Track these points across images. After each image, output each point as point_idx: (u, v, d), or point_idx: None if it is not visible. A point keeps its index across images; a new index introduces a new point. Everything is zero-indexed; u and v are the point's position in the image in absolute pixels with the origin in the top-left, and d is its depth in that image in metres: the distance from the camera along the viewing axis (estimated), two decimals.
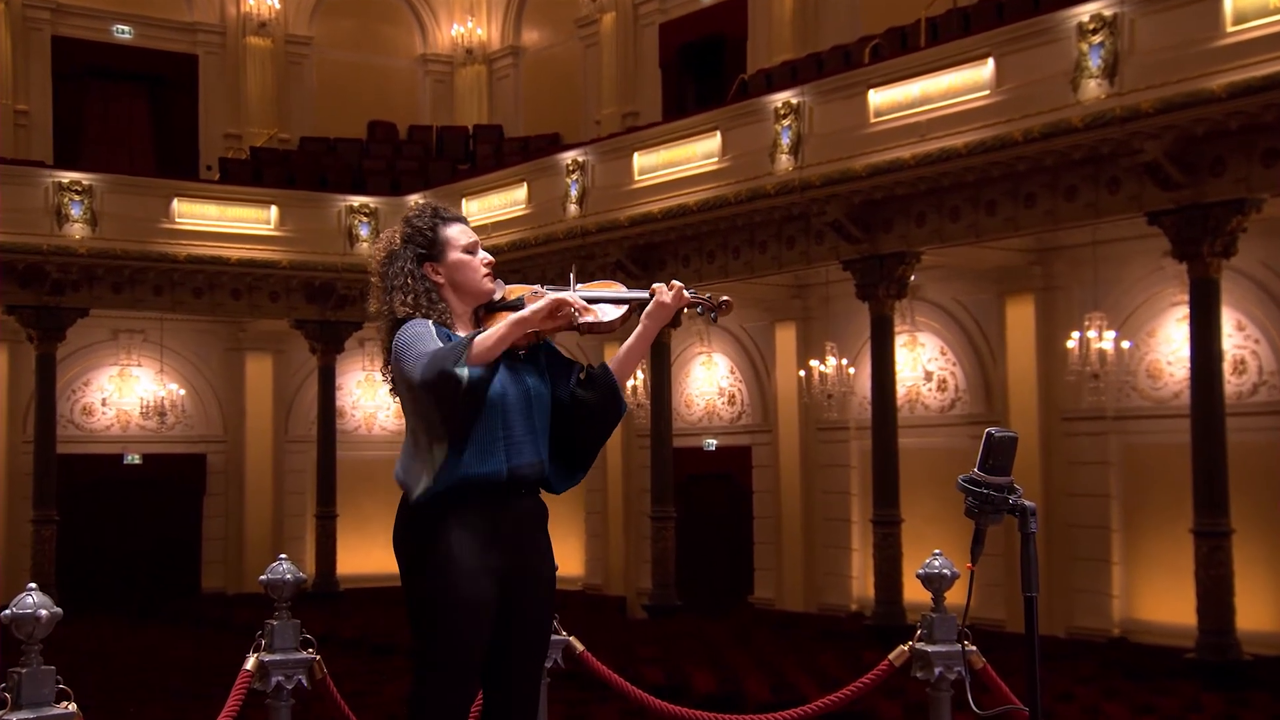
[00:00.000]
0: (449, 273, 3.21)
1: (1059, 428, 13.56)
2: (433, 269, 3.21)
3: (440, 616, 3.05)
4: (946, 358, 14.85)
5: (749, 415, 17.05)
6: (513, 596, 3.14)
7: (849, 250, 13.14)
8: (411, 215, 3.26)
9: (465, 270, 3.22)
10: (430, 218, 3.24)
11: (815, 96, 13.13)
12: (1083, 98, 10.71)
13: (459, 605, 3.04)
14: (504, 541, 3.11)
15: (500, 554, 3.11)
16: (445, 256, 3.21)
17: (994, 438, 2.91)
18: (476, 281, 3.23)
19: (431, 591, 3.06)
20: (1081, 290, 13.28)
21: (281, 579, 3.81)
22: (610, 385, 3.25)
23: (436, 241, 3.22)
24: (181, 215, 17.02)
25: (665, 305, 3.23)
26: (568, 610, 5.02)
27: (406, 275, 3.18)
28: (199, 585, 19.18)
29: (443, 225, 3.24)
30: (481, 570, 3.07)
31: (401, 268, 3.19)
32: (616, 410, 3.26)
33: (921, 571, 4.15)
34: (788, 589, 16.15)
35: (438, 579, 3.05)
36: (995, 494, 2.89)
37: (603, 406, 3.25)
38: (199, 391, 19.42)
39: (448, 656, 3.06)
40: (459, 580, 3.05)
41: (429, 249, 3.21)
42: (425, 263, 3.20)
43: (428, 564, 3.07)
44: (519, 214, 16.48)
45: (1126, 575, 13.10)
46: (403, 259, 3.20)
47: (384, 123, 21.17)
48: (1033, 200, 11.65)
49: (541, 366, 3.27)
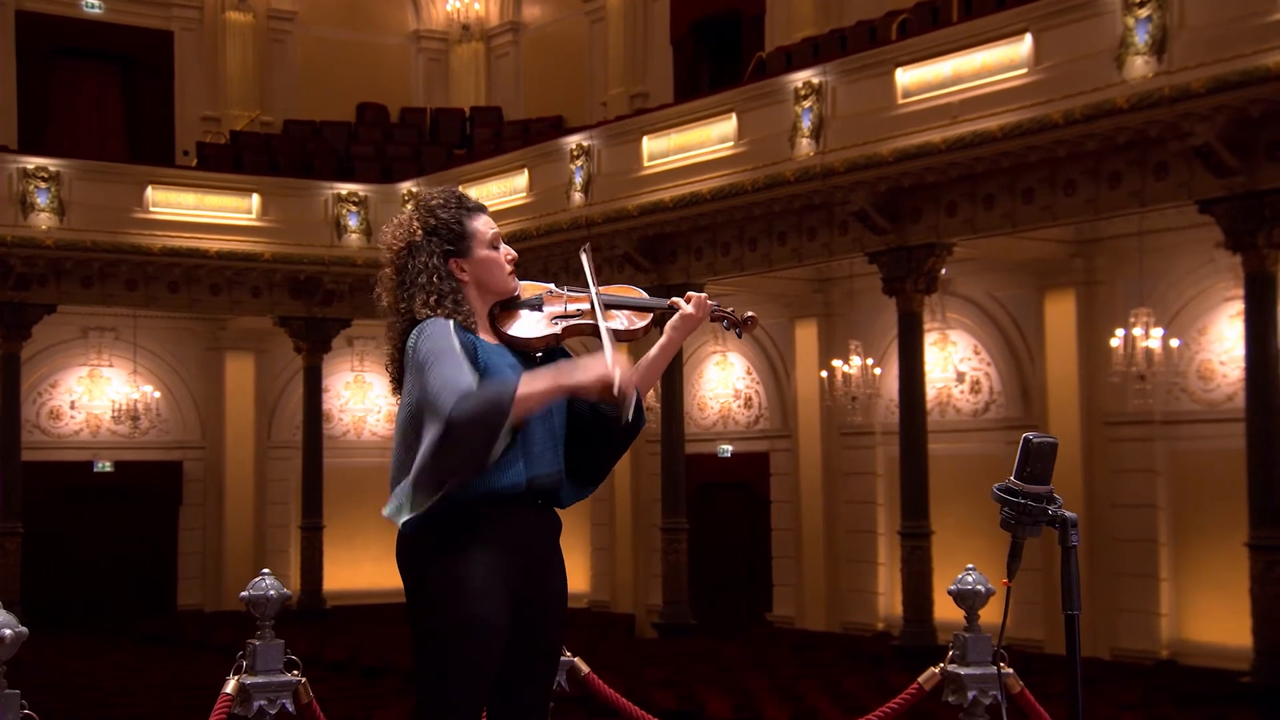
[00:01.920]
0: (475, 270, 3.17)
1: (1102, 433, 13.54)
2: (458, 266, 3.15)
3: (449, 641, 3.01)
4: (980, 357, 14.83)
5: (767, 419, 17.04)
6: (526, 618, 3.11)
7: (875, 242, 13.14)
8: (435, 203, 3.20)
9: (492, 268, 3.18)
10: (456, 209, 3.18)
11: (838, 76, 13.12)
12: (1128, 76, 10.69)
13: (471, 629, 3.01)
14: (518, 558, 3.09)
15: (514, 572, 3.08)
16: (472, 253, 3.17)
17: (1032, 444, 2.91)
18: (502, 280, 3.20)
19: (439, 613, 3.02)
20: (1126, 285, 13.26)
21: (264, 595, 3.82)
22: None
23: (464, 235, 3.16)
24: (156, 204, 17.05)
25: (690, 317, 3.24)
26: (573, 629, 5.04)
27: (432, 273, 3.12)
28: (175, 602, 19.22)
29: (468, 217, 3.19)
30: (495, 590, 3.04)
31: (426, 264, 3.13)
32: (636, 425, 3.26)
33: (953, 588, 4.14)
34: (809, 606, 16.15)
35: (447, 599, 3.02)
36: (1033, 504, 2.89)
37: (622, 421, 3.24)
38: (175, 394, 19.46)
39: (456, 685, 3.02)
40: (471, 601, 3.01)
41: (455, 244, 3.15)
42: (450, 259, 3.15)
43: (436, 583, 3.03)
44: (519, 203, 16.49)
45: (1175, 592, 13.08)
46: (426, 253, 3.14)
47: (374, 104, 21.20)
48: (1073, 188, 11.63)
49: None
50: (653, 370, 3.29)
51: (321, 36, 21.63)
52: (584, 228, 15.26)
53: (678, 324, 3.26)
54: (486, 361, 3.08)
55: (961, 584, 4.12)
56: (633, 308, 3.27)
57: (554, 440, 3.15)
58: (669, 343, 3.28)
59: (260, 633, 3.81)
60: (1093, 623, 12.88)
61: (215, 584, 19.14)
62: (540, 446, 3.11)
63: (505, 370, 3.09)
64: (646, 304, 3.29)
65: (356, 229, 17.76)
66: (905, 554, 13.15)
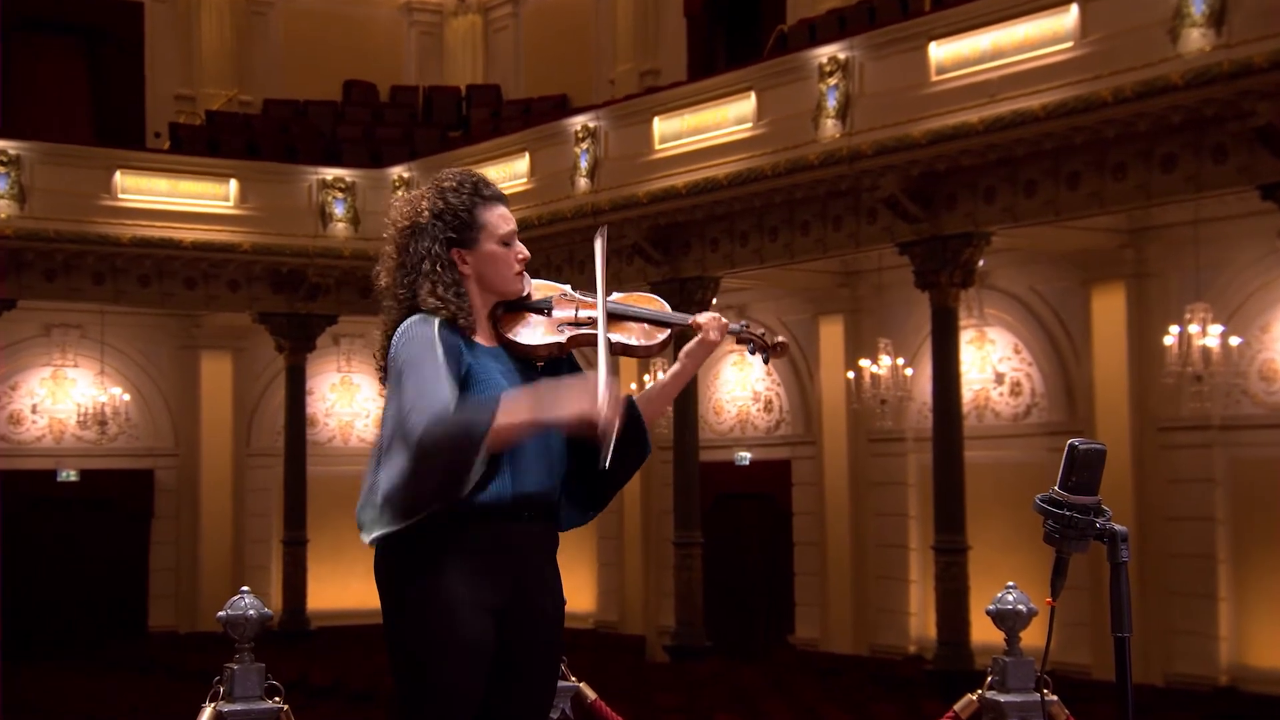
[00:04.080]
0: (478, 264, 3.18)
1: (1155, 439, 13.52)
2: (460, 257, 3.16)
3: (429, 662, 3.04)
4: (1021, 357, 14.82)
5: (788, 424, 17.03)
6: (514, 639, 3.13)
7: (906, 231, 13.13)
8: (447, 185, 3.20)
9: (497, 265, 3.19)
10: (470, 195, 3.19)
11: (866, 51, 13.12)
12: (1183, 50, 10.67)
13: (452, 648, 3.03)
14: (505, 574, 3.10)
15: (501, 588, 3.09)
16: (478, 245, 3.18)
17: (1078, 450, 2.90)
18: (507, 279, 3.21)
19: (419, 632, 3.05)
20: (1181, 277, 13.23)
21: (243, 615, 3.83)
22: (637, 424, 3.25)
23: (472, 225, 3.17)
24: (125, 190, 17.09)
25: (711, 344, 3.26)
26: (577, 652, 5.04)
27: (435, 260, 3.14)
28: (146, 624, 19.26)
29: (482, 207, 3.19)
30: (479, 607, 3.05)
31: (428, 249, 3.14)
32: (641, 453, 3.27)
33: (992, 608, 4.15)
34: (834, 628, 16.15)
35: (427, 617, 3.04)
36: (1079, 517, 2.89)
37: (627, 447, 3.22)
38: (146, 396, 19.50)
39: (436, 710, 3.04)
40: (453, 619, 3.03)
41: (460, 233, 3.16)
42: (453, 248, 3.16)
43: (415, 599, 3.05)
44: (520, 189, 16.50)
45: (1235, 613, 13.05)
46: (429, 238, 3.15)
47: (362, 83, 21.23)
48: (1123, 172, 11.62)
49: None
50: (662, 399, 3.33)
51: (305, 8, 21.64)
52: (590, 216, 15.27)
53: (694, 350, 3.28)
54: (473, 367, 3.08)
55: (1001, 603, 4.13)
56: (649, 321, 3.26)
57: (547, 456, 3.16)
58: (682, 371, 3.30)
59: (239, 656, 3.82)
60: (1145, 646, 12.85)
61: (190, 603, 19.18)
62: (530, 461, 3.11)
63: (494, 377, 3.10)
64: (665, 319, 3.27)
65: (343, 217, 17.79)
66: (939, 571, 13.13)
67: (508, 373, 3.14)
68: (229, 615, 3.86)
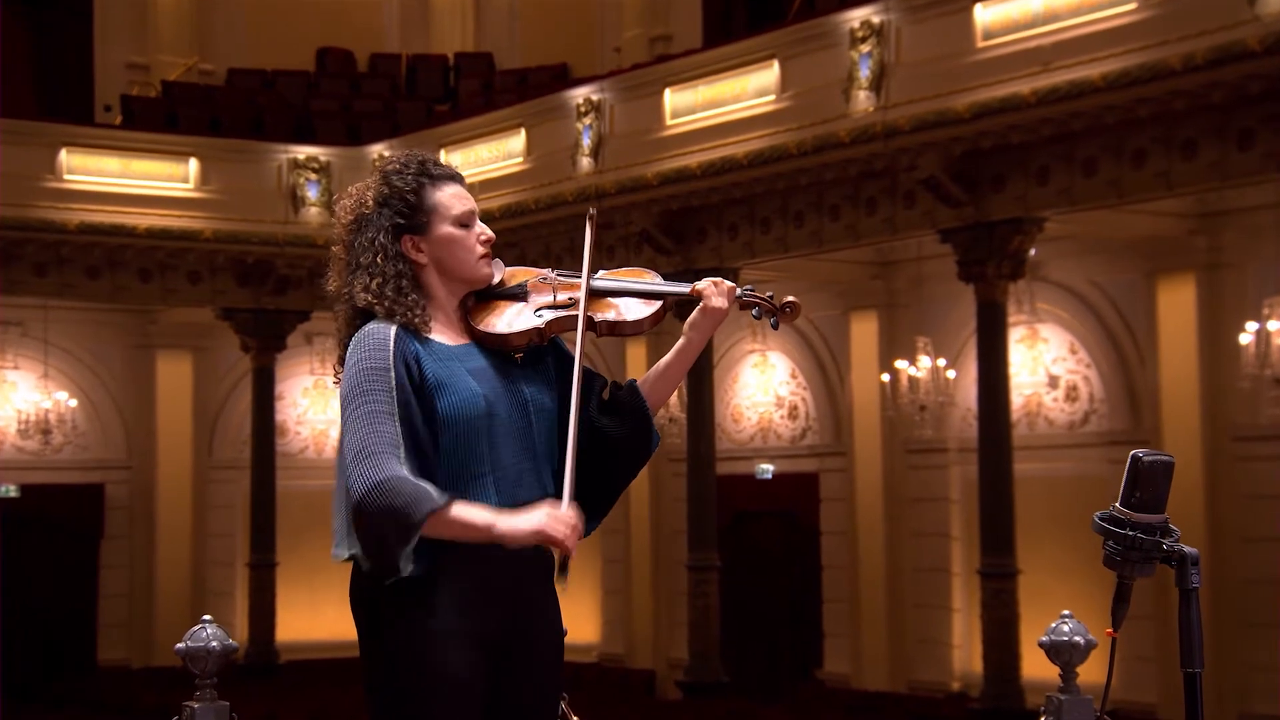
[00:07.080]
0: (434, 250, 3.20)
1: (1228, 450, 13.50)
2: (413, 244, 3.19)
3: (410, 698, 3.04)
4: (1077, 357, 14.81)
5: (816, 433, 17.03)
6: (508, 674, 3.13)
7: (948, 216, 13.13)
8: (390, 170, 3.24)
9: (456, 248, 3.21)
10: (415, 175, 3.22)
11: (903, 14, 13.12)
12: (1262, 12, 10.65)
13: (436, 683, 3.03)
14: (496, 602, 3.10)
15: (493, 617, 3.10)
16: (431, 229, 3.20)
17: (1142, 463, 2.91)
18: (470, 265, 3.22)
19: (401, 668, 3.04)
20: (1260, 268, 13.22)
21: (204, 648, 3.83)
22: (640, 413, 3.25)
23: (421, 208, 3.20)
24: (71, 170, 17.12)
25: (716, 312, 3.24)
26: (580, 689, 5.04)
27: (377, 251, 3.16)
28: (95, 657, 19.28)
29: (431, 186, 3.22)
30: (467, 636, 3.06)
31: (372, 240, 3.17)
32: (646, 445, 3.27)
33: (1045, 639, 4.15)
34: (868, 661, 16.15)
35: (407, 647, 3.04)
36: (1144, 537, 2.89)
37: (629, 440, 3.24)
38: (95, 402, 19.53)
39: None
40: (437, 649, 3.03)
41: (409, 218, 3.19)
42: (404, 235, 3.18)
43: (396, 630, 3.05)
44: (515, 169, 16.52)
45: None
46: (374, 228, 3.18)
47: (338, 50, 21.26)
48: (1193, 149, 11.60)
49: (548, 373, 3.26)
50: (668, 381, 3.31)
51: None
52: (593, 199, 15.28)
53: (698, 321, 3.26)
54: (435, 372, 3.09)
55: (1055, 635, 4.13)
56: (639, 294, 3.24)
57: (533, 459, 3.17)
58: (688, 346, 3.28)
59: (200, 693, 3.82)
60: (1217, 682, 12.83)
61: (144, 634, 19.20)
62: (514, 469, 3.12)
63: (461, 380, 3.10)
64: (658, 290, 3.26)
65: (316, 201, 17.80)
66: (986, 598, 13.13)
67: (480, 371, 3.14)
68: (188, 648, 3.86)
